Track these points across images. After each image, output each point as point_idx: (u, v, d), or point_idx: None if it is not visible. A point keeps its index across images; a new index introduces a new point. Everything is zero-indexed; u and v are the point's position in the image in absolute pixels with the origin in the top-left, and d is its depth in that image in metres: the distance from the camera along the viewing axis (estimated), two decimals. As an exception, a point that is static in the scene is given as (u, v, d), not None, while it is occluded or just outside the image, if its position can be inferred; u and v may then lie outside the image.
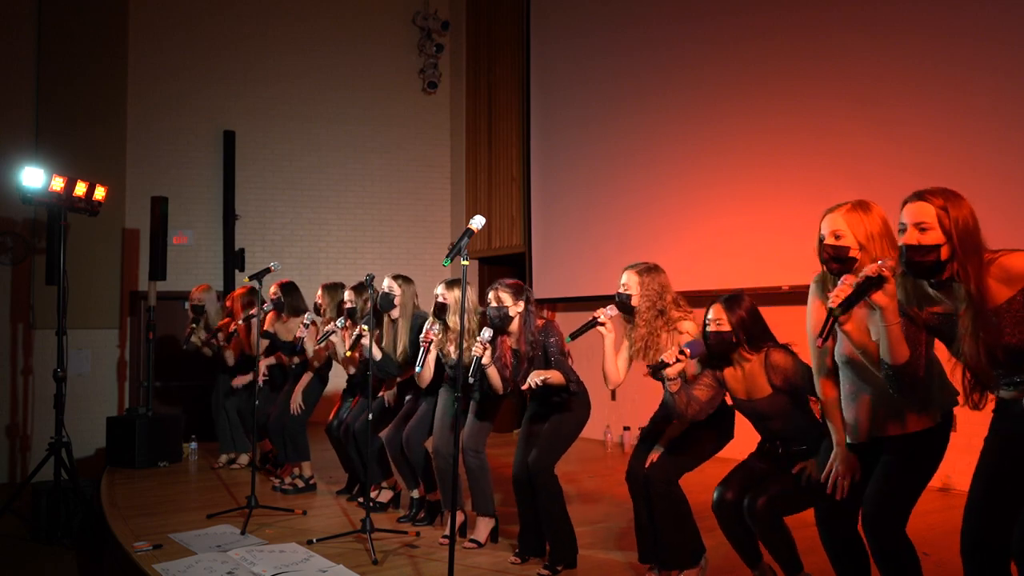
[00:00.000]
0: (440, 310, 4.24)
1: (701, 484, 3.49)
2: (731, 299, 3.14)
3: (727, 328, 3.09)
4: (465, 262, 3.07)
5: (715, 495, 3.15)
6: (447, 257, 3.14)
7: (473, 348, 3.63)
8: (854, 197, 2.63)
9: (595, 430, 7.47)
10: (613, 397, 7.25)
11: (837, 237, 2.51)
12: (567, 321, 8.26)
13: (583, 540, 3.88)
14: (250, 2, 9.10)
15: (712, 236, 6.53)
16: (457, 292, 4.21)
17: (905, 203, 2.21)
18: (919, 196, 2.19)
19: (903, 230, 2.19)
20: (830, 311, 2.26)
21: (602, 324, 3.40)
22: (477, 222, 3.18)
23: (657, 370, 3.09)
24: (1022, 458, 2.16)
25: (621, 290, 3.48)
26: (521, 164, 8.80)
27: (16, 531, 5.64)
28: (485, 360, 3.71)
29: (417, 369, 4.17)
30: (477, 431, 4.12)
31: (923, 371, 2.29)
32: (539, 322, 3.81)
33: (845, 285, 2.22)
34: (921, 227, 2.16)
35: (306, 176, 9.26)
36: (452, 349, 4.23)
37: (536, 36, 8.63)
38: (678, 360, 3.02)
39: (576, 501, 5.15)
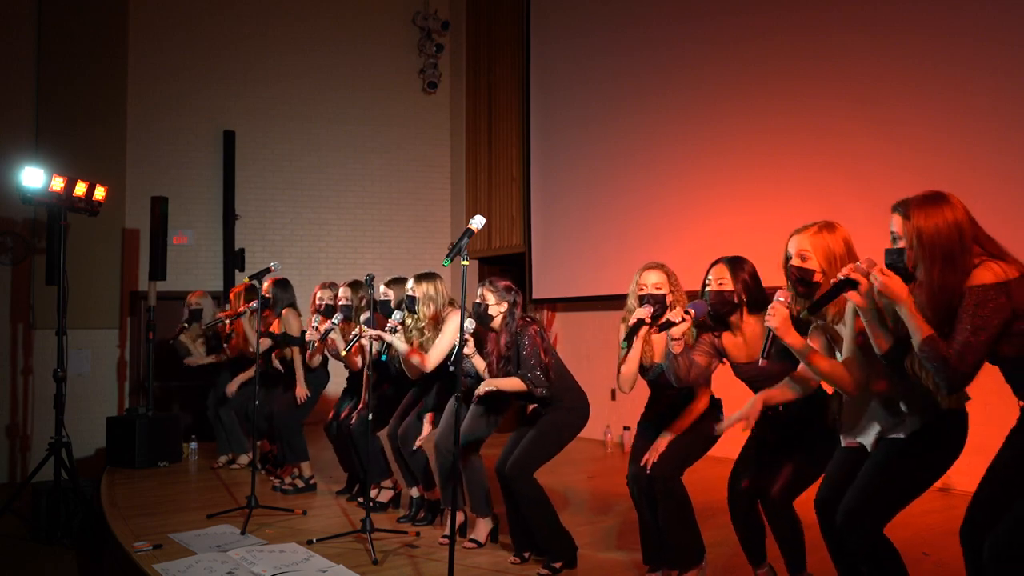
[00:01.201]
0: (411, 303, 4.34)
1: (702, 484, 3.49)
2: (734, 260, 3.11)
3: (730, 287, 3.07)
4: (465, 262, 3.07)
5: (729, 483, 3.14)
6: (447, 257, 3.14)
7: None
8: (854, 198, 2.66)
9: (595, 430, 7.47)
10: (613, 397, 7.24)
11: (803, 259, 2.61)
12: (568, 322, 8.27)
13: (583, 540, 3.88)
14: (250, 2, 9.10)
15: (712, 236, 6.53)
16: (425, 286, 4.35)
17: None
18: (895, 208, 2.26)
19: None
20: (803, 321, 2.38)
21: (646, 324, 3.35)
22: (477, 222, 3.18)
23: (663, 329, 3.08)
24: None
25: (652, 290, 3.42)
26: (521, 164, 8.80)
27: (16, 531, 5.64)
28: (468, 350, 3.80)
29: (382, 357, 4.39)
30: (471, 432, 4.12)
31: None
32: (520, 322, 3.81)
33: (779, 303, 2.50)
34: (894, 237, 2.25)
35: (306, 176, 9.26)
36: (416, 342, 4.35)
37: (536, 36, 8.63)
38: (683, 320, 3.02)
39: (576, 501, 5.15)
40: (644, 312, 3.34)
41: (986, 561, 2.09)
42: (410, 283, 4.39)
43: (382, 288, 4.71)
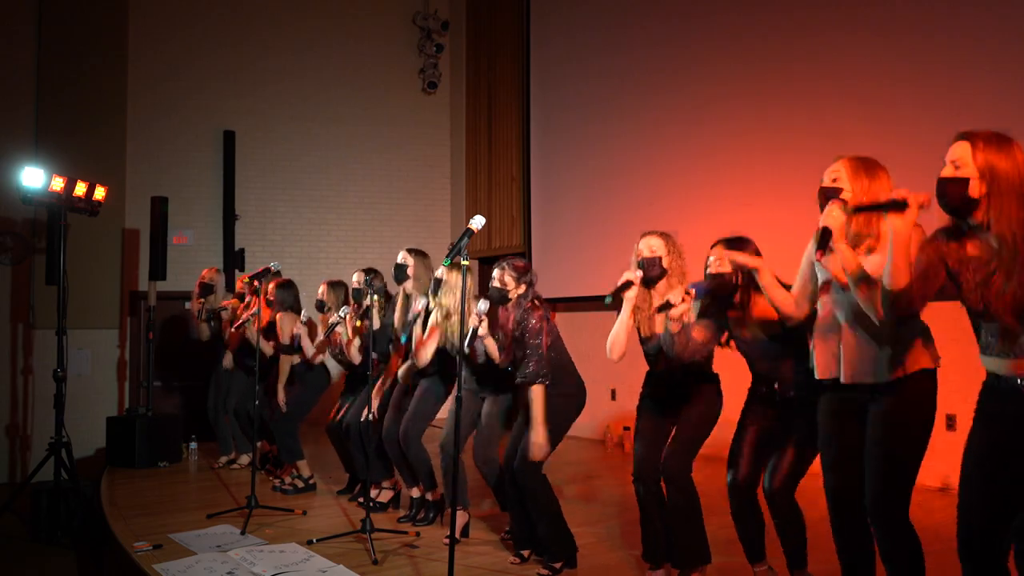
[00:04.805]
0: (436, 286, 4.23)
1: (701, 485, 3.48)
2: (734, 242, 3.11)
3: (728, 269, 3.07)
4: (465, 262, 3.08)
5: (728, 476, 3.12)
6: (447, 257, 3.15)
7: (470, 319, 3.66)
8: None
9: (595, 430, 7.47)
10: (613, 397, 7.24)
11: (833, 180, 2.59)
12: (568, 322, 8.26)
13: (583, 540, 3.88)
14: (250, 2, 9.10)
15: (712, 236, 6.47)
16: (457, 275, 4.20)
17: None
18: (961, 135, 2.22)
19: (943, 168, 2.21)
20: (823, 231, 2.35)
21: (633, 285, 3.26)
22: (477, 222, 3.18)
23: (661, 310, 3.05)
24: (1008, 441, 2.10)
25: (646, 254, 3.36)
26: (521, 164, 8.80)
27: (16, 531, 5.64)
28: (482, 331, 3.76)
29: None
30: (488, 440, 4.11)
31: (918, 303, 2.23)
32: (528, 304, 3.75)
33: (837, 203, 2.43)
34: (955, 164, 2.19)
35: (306, 176, 9.26)
36: (450, 333, 4.24)
37: (536, 36, 8.63)
38: (683, 301, 3.00)
39: (576, 501, 5.15)
40: (633, 274, 3.26)
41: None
42: (441, 270, 4.25)
43: (400, 255, 4.58)
